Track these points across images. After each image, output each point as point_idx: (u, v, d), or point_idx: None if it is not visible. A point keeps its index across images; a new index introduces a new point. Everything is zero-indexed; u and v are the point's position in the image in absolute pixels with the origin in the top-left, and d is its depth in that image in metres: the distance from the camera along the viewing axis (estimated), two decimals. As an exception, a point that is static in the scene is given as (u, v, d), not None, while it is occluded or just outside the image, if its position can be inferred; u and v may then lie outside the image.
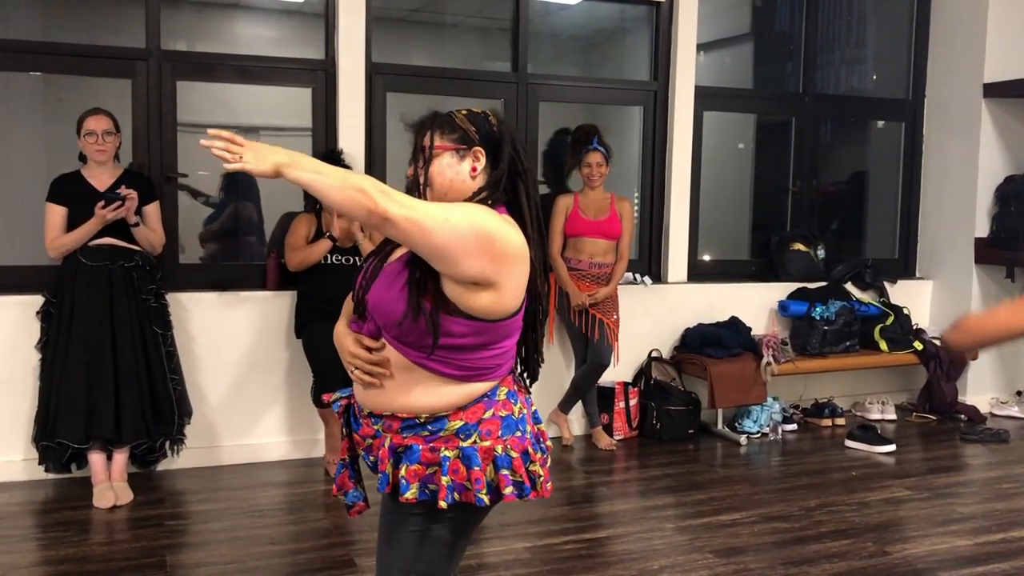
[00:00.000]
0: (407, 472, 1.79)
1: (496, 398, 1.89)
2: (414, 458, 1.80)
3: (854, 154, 6.39)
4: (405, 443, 1.82)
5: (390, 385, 1.84)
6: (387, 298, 1.81)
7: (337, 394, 2.02)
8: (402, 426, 1.83)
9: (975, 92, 5.63)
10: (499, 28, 5.49)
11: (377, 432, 1.87)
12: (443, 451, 1.80)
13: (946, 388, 5.52)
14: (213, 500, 3.99)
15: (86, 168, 3.99)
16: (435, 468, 1.79)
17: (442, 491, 1.78)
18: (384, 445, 1.84)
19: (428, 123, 1.91)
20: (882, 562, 3.39)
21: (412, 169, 1.93)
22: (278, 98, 4.90)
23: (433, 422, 1.82)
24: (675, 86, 5.27)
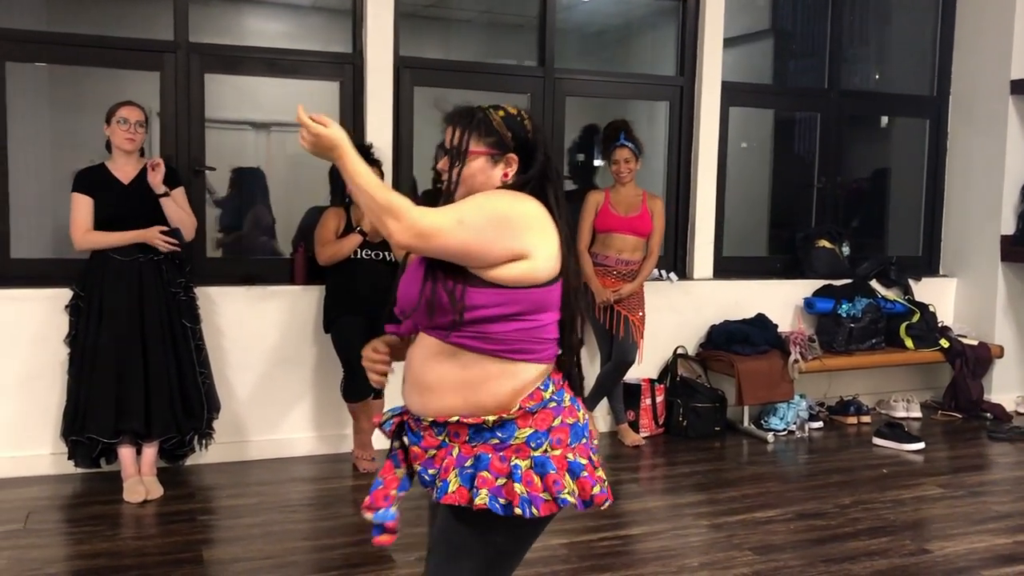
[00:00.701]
0: (479, 481, 1.74)
1: (563, 404, 1.86)
2: (483, 466, 1.76)
3: (876, 151, 6.36)
4: (474, 452, 1.78)
5: (442, 385, 1.81)
6: (411, 288, 1.83)
7: (387, 414, 1.98)
8: (471, 434, 1.79)
9: (1002, 89, 5.60)
10: (513, 24, 5.48)
11: (443, 443, 1.82)
12: (514, 460, 1.76)
13: (972, 386, 5.50)
14: (243, 495, 3.96)
15: (111, 161, 3.95)
16: (505, 479, 1.74)
17: (516, 499, 1.72)
18: (452, 454, 1.80)
19: (465, 122, 1.89)
20: (924, 560, 3.37)
21: (443, 163, 1.91)
22: (294, 92, 4.83)
23: (501, 428, 1.78)
24: (701, 81, 5.24)
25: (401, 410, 1.95)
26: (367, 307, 4.25)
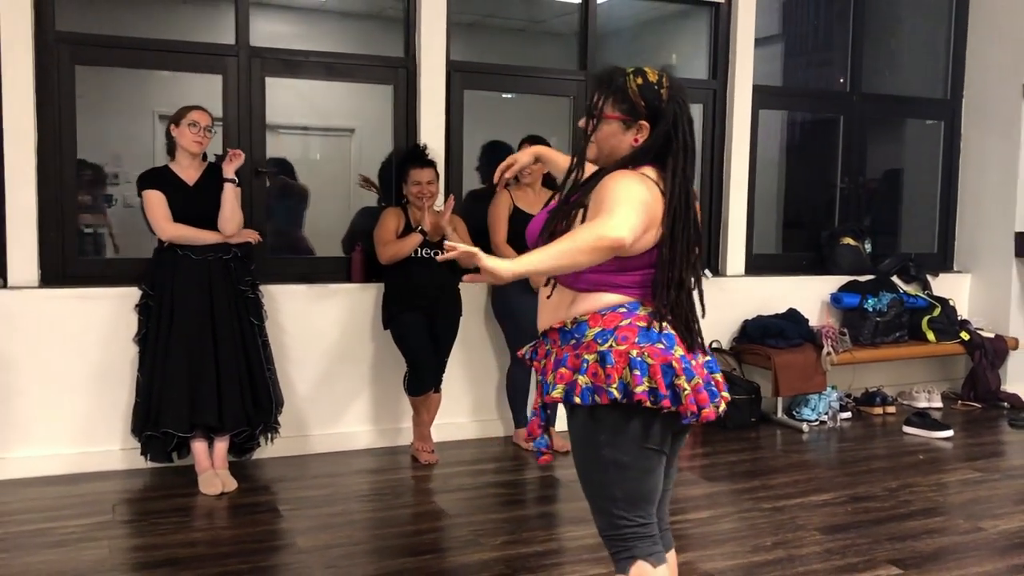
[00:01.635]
0: (556, 375, 2.05)
1: (636, 312, 2.05)
2: (563, 363, 2.06)
3: (892, 152, 6.58)
4: (562, 352, 2.07)
5: (547, 306, 2.15)
6: (533, 228, 2.16)
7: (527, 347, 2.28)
8: (559, 338, 2.09)
9: (1015, 92, 5.84)
10: (555, 31, 5.63)
11: (548, 351, 2.13)
12: (584, 355, 2.02)
13: (991, 377, 5.73)
14: (316, 487, 4.07)
15: (174, 163, 4.04)
16: (578, 373, 2.03)
17: (577, 389, 2.01)
18: (550, 358, 2.11)
19: (604, 85, 2.05)
20: (980, 537, 3.56)
21: (584, 122, 2.10)
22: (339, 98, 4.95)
23: (575, 329, 2.06)
24: (734, 84, 5.43)
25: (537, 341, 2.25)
26: (427, 303, 4.39)
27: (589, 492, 2.16)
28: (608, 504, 2.11)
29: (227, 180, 3.99)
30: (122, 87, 4.64)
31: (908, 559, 3.32)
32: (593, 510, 2.17)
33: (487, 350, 4.88)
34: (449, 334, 4.51)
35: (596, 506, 2.15)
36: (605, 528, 2.15)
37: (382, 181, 4.84)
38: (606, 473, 2.09)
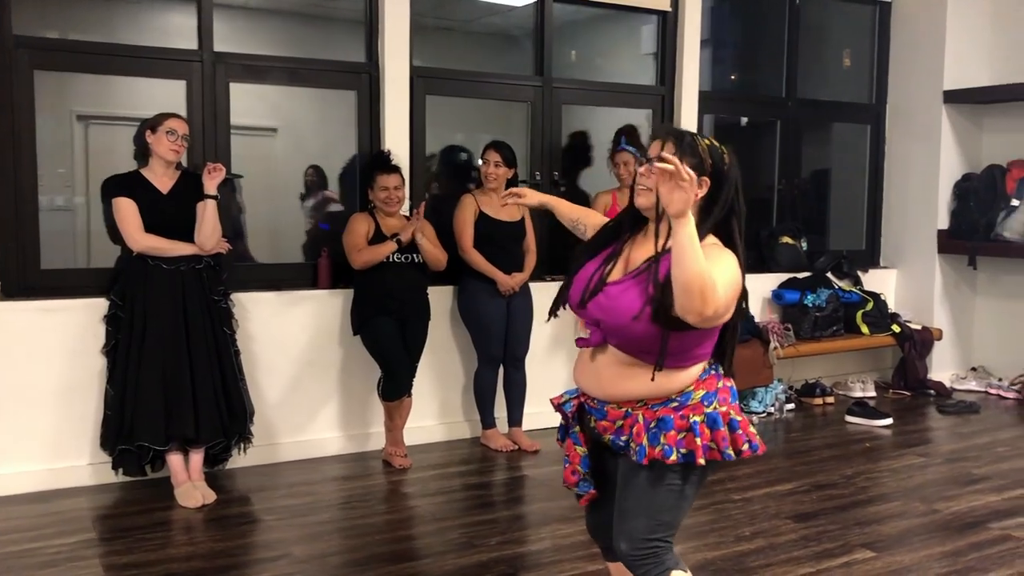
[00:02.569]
0: (666, 439, 2.10)
1: (720, 372, 2.21)
2: (669, 426, 2.11)
3: (821, 154, 6.91)
4: (656, 416, 2.13)
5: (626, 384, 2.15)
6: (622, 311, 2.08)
7: (565, 396, 2.35)
8: (654, 404, 2.15)
9: (935, 98, 6.22)
10: (512, 35, 5.71)
11: (627, 412, 2.17)
12: (692, 417, 2.11)
13: (919, 366, 6.10)
14: (296, 495, 4.07)
15: (147, 170, 3.98)
16: (685, 433, 2.10)
17: (699, 451, 2.09)
18: (639, 421, 2.14)
19: (677, 140, 2.12)
20: (937, 518, 3.83)
21: (645, 169, 2.15)
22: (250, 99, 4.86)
23: (684, 396, 2.14)
24: (681, 90, 5.62)
25: (577, 393, 2.32)
26: (399, 308, 4.43)
27: (631, 530, 2.19)
28: (658, 529, 2.18)
29: (209, 196, 3.93)
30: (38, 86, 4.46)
31: (878, 542, 3.55)
32: (631, 546, 2.19)
33: (453, 353, 4.94)
34: (420, 338, 4.55)
35: (638, 532, 2.18)
36: (640, 547, 2.19)
37: (345, 186, 4.84)
38: (671, 509, 2.19)
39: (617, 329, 2.12)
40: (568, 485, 2.36)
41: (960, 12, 6.15)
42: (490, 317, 4.71)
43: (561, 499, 4.06)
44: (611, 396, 2.19)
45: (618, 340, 2.13)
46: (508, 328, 4.76)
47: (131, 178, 3.96)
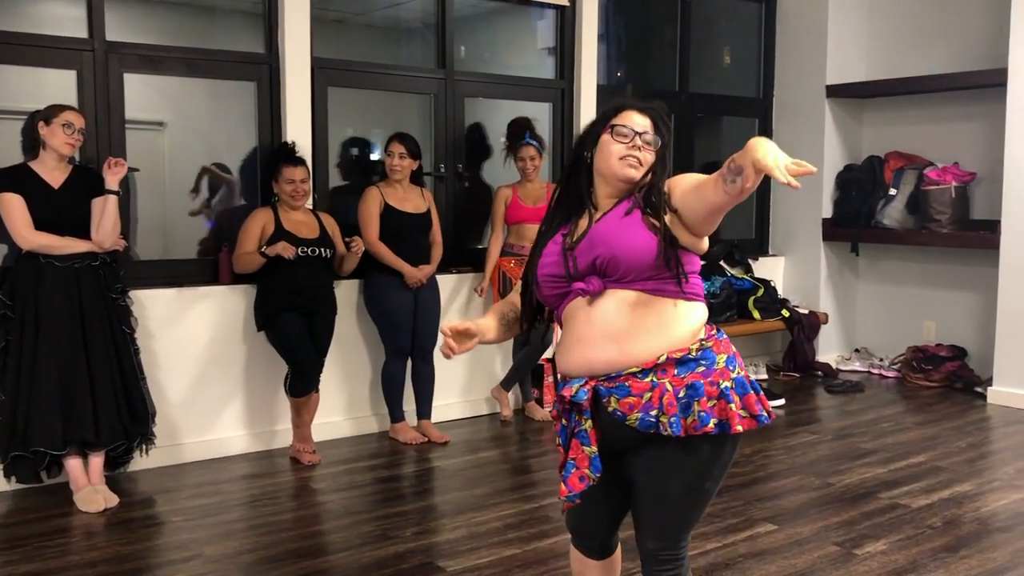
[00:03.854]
0: (700, 405, 1.94)
1: (724, 336, 2.13)
2: (700, 392, 1.95)
3: (712, 146, 7.14)
4: (685, 383, 1.96)
5: (643, 331, 1.98)
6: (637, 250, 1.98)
7: (575, 385, 2.02)
8: (680, 368, 1.97)
9: (819, 93, 6.52)
10: (413, 28, 5.71)
11: (653, 384, 1.97)
12: (722, 383, 1.97)
13: (807, 349, 6.39)
14: (203, 495, 3.98)
15: (37, 163, 3.82)
16: (716, 400, 1.96)
17: (735, 418, 1.95)
18: (668, 390, 1.96)
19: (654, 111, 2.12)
20: (831, 491, 4.04)
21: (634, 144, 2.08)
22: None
23: (703, 356, 1.99)
24: (580, 84, 5.72)
25: (584, 380, 2.02)
26: (306, 303, 4.38)
27: (678, 523, 2.07)
28: (685, 532, 2.10)
29: (110, 192, 3.80)
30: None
31: (779, 516, 3.72)
32: (670, 541, 2.09)
33: (360, 347, 4.91)
34: (327, 333, 4.51)
35: (675, 535, 2.09)
36: (669, 549, 2.09)
37: (244, 177, 4.74)
38: (701, 504, 2.08)
39: (628, 251, 1.98)
40: (572, 494, 2.05)
41: (840, 10, 6.45)
42: (397, 310, 4.71)
43: (475, 488, 4.11)
44: (636, 355, 1.98)
45: (628, 267, 1.98)
46: (416, 320, 4.76)
47: (19, 172, 3.79)
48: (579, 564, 2.32)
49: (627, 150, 2.07)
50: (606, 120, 2.12)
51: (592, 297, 2.04)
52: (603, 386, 2.02)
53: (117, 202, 3.84)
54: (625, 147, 2.07)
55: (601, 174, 2.12)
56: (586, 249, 2.05)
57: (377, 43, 5.77)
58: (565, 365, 2.09)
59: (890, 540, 3.45)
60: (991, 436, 5.03)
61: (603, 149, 2.09)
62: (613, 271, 2.02)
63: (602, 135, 2.10)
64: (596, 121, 2.16)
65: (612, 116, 2.11)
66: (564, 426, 2.08)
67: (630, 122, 2.09)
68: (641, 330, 2.00)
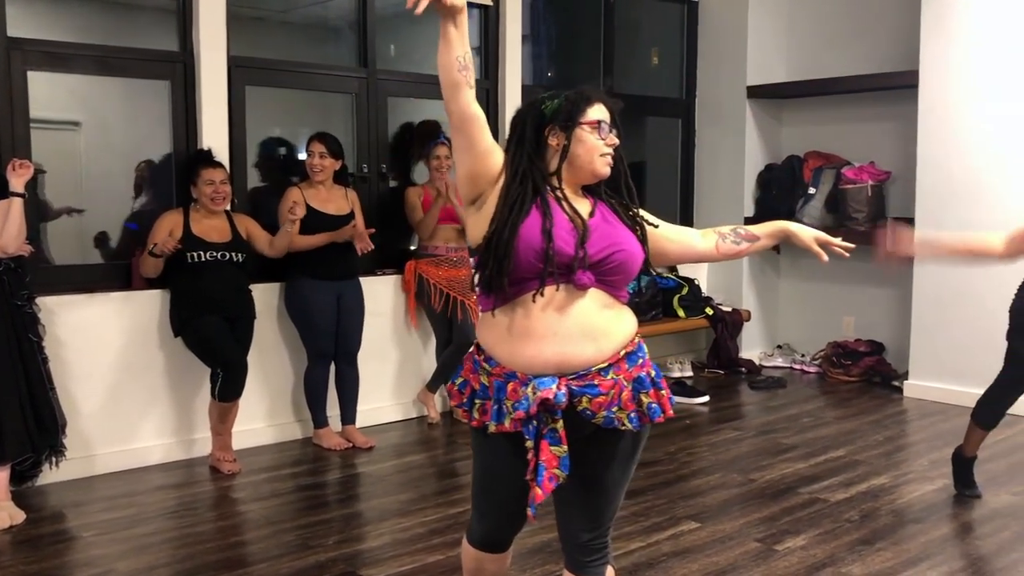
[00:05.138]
0: (649, 397, 2.03)
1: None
2: (646, 385, 2.04)
3: (636, 146, 7.20)
4: (632, 376, 2.02)
5: (612, 328, 2.02)
6: (638, 258, 2.08)
7: (551, 388, 1.95)
8: (629, 363, 2.03)
9: (740, 94, 6.62)
10: (334, 26, 5.61)
11: (614, 380, 2.00)
12: (650, 372, 2.07)
13: (731, 346, 6.48)
14: (117, 508, 3.85)
15: None
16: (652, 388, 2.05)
17: (666, 404, 2.06)
18: (626, 387, 2.01)
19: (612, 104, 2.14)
20: (753, 487, 4.09)
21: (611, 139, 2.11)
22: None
23: (639, 349, 2.07)
24: (505, 83, 5.70)
25: (555, 380, 1.96)
26: (222, 307, 4.28)
27: (612, 510, 2.14)
28: (613, 519, 2.16)
29: (15, 194, 3.64)
30: None
31: (702, 513, 3.75)
32: (603, 529, 2.14)
33: (281, 351, 4.81)
34: (246, 338, 4.41)
35: (608, 523, 2.15)
36: (604, 537, 2.15)
37: (156, 178, 4.60)
38: (625, 488, 2.16)
39: (634, 258, 2.06)
40: (543, 498, 1.97)
41: (760, 12, 6.56)
42: (319, 312, 4.63)
43: (399, 493, 4.06)
44: (607, 352, 2.00)
45: (629, 272, 2.06)
46: (339, 323, 4.69)
47: None
48: (476, 561, 2.28)
49: (606, 146, 2.08)
50: (580, 110, 2.06)
51: (579, 290, 2.00)
52: (575, 385, 1.98)
53: (23, 205, 3.68)
54: (603, 143, 2.07)
55: (574, 165, 2.07)
56: (599, 242, 2.02)
57: (299, 42, 5.65)
58: (527, 360, 1.99)
59: (809, 535, 3.51)
60: (907, 429, 5.17)
61: (583, 142, 2.05)
62: (615, 273, 2.03)
63: (579, 126, 2.05)
64: (569, 109, 2.05)
65: (584, 106, 2.07)
66: (535, 429, 1.98)
67: (603, 115, 2.09)
68: (611, 330, 2.03)
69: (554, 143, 2.06)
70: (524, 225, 1.98)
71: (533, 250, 1.96)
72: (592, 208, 2.08)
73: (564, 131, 2.05)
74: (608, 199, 2.13)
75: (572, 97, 2.09)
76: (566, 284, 1.99)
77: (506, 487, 2.09)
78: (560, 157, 2.06)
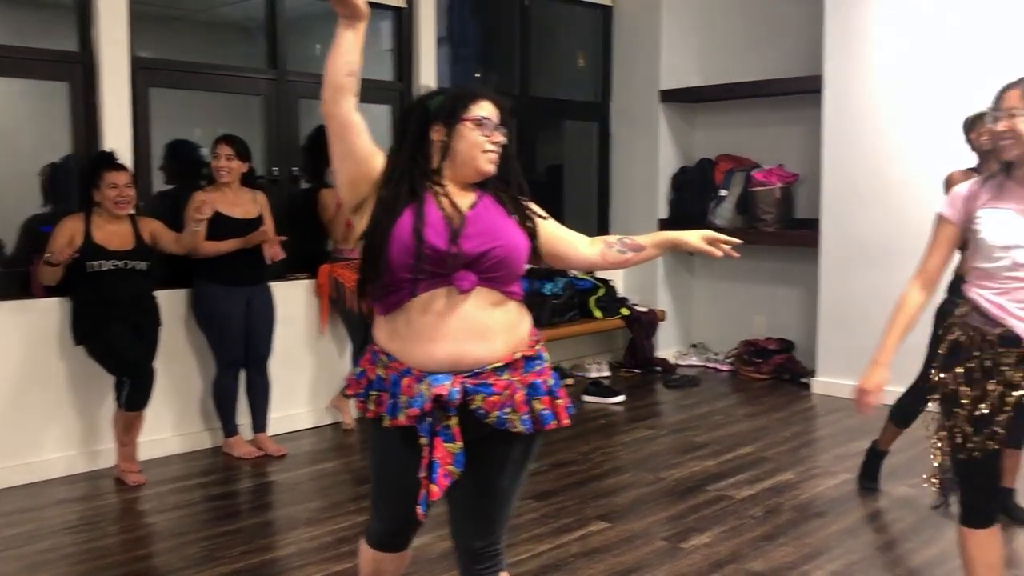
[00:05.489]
0: (542, 403, 2.04)
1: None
2: (540, 391, 2.04)
3: (555, 150, 7.25)
4: (527, 381, 2.03)
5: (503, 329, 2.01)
6: (522, 252, 2.06)
7: (446, 385, 1.95)
8: (525, 366, 2.04)
9: (653, 98, 6.72)
10: (241, 26, 5.52)
11: (509, 381, 2.00)
12: (549, 381, 2.08)
13: (646, 346, 6.58)
14: (14, 524, 3.72)
15: None
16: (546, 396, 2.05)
17: (562, 412, 2.08)
18: (519, 388, 2.01)
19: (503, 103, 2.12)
20: (662, 486, 4.16)
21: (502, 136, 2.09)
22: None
23: (539, 356, 2.08)
24: (418, 86, 5.68)
25: (451, 377, 1.96)
26: (128, 314, 4.17)
27: (504, 517, 2.16)
28: (506, 525, 2.17)
29: None
30: None
31: (611, 513, 3.80)
32: (495, 537, 2.16)
33: (189, 359, 4.71)
34: (152, 345, 4.31)
35: (500, 531, 2.17)
36: (496, 545, 2.17)
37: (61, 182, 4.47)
38: (518, 494, 2.17)
39: (516, 252, 2.04)
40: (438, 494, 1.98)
41: (672, 18, 6.67)
42: (228, 319, 4.55)
43: (310, 501, 4.01)
44: (499, 352, 1.99)
45: (512, 268, 2.03)
46: (248, 330, 4.61)
47: None
48: (374, 563, 2.26)
49: (489, 143, 2.06)
50: (463, 106, 2.05)
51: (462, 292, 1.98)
52: (470, 383, 1.98)
53: None
54: (487, 139, 2.05)
55: (456, 161, 2.05)
56: (476, 237, 1.99)
57: (207, 42, 5.54)
58: (421, 359, 1.99)
59: (714, 532, 3.58)
60: (814, 425, 5.31)
61: (464, 138, 2.04)
62: (497, 269, 2.01)
63: (461, 122, 2.03)
64: (451, 105, 2.05)
65: (469, 103, 2.05)
66: (429, 426, 1.97)
67: (490, 113, 2.07)
68: (502, 328, 2.02)
69: (437, 139, 2.05)
70: (397, 225, 1.96)
71: (406, 250, 1.95)
72: (475, 201, 2.07)
73: (447, 127, 2.04)
74: (498, 192, 2.11)
75: (456, 93, 2.09)
76: (449, 287, 1.98)
77: (402, 483, 2.07)
78: (442, 154, 2.06)
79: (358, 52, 2.00)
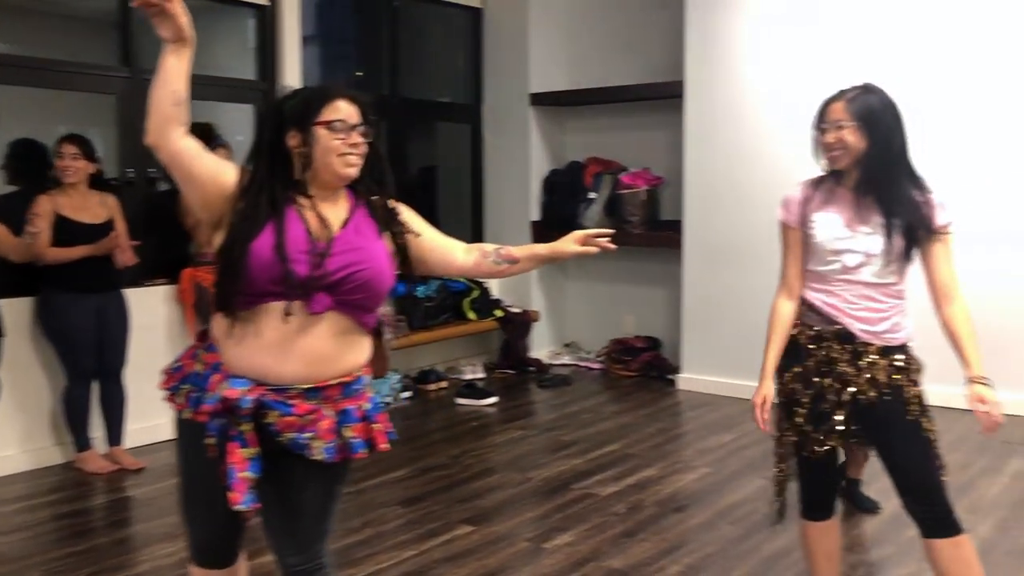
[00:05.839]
0: (353, 431, 1.97)
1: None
2: (352, 418, 1.97)
3: (428, 152, 7.22)
4: (339, 408, 1.96)
5: (340, 356, 1.95)
6: (388, 280, 2.00)
7: (240, 390, 1.90)
8: (342, 393, 1.97)
9: (523, 101, 6.77)
10: (91, 19, 5.28)
11: (315, 407, 1.94)
12: (364, 405, 2.01)
13: (520, 347, 6.62)
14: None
15: None
16: (362, 422, 1.99)
17: (379, 437, 2.02)
18: (326, 415, 1.94)
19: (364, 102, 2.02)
20: (530, 486, 4.19)
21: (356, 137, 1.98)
22: None
23: (358, 381, 2.01)
24: (281, 85, 5.55)
25: (250, 384, 1.92)
26: None
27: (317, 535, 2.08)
28: (323, 541, 2.10)
29: None
30: None
31: (477, 516, 3.80)
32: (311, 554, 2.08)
33: (36, 371, 4.47)
34: None
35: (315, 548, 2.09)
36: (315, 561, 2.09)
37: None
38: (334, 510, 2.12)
39: (382, 279, 1.97)
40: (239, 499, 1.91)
41: (541, 22, 6.73)
42: (78, 329, 4.34)
43: (166, 516, 3.86)
44: (318, 376, 1.93)
45: (374, 295, 1.96)
46: (102, 339, 4.41)
47: None
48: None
49: (346, 146, 1.96)
50: (315, 109, 1.95)
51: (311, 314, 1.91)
52: (269, 398, 1.92)
53: None
54: (343, 143, 1.95)
55: (317, 170, 1.97)
56: (341, 256, 1.93)
57: (63, 38, 5.28)
58: (238, 364, 1.94)
59: (577, 530, 3.63)
60: (678, 420, 5.46)
61: (320, 144, 1.94)
62: (357, 292, 1.93)
63: (315, 127, 1.94)
64: (303, 108, 1.96)
65: (321, 105, 1.95)
66: (222, 427, 1.91)
67: (345, 114, 1.96)
68: (337, 357, 1.96)
69: (294, 146, 1.96)
70: (256, 243, 1.88)
71: (265, 270, 1.88)
72: (348, 216, 2.01)
73: (301, 132, 1.95)
74: (372, 202, 2.05)
75: (307, 96, 2.00)
76: (301, 306, 1.91)
77: (206, 484, 1.99)
78: (303, 162, 1.96)
79: (184, 80, 1.87)
